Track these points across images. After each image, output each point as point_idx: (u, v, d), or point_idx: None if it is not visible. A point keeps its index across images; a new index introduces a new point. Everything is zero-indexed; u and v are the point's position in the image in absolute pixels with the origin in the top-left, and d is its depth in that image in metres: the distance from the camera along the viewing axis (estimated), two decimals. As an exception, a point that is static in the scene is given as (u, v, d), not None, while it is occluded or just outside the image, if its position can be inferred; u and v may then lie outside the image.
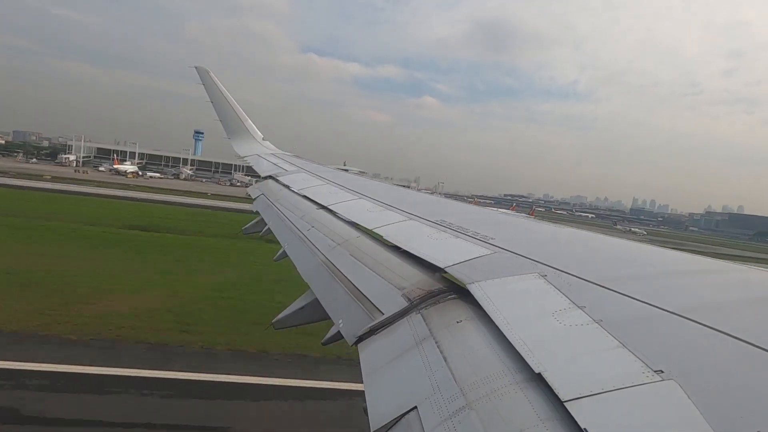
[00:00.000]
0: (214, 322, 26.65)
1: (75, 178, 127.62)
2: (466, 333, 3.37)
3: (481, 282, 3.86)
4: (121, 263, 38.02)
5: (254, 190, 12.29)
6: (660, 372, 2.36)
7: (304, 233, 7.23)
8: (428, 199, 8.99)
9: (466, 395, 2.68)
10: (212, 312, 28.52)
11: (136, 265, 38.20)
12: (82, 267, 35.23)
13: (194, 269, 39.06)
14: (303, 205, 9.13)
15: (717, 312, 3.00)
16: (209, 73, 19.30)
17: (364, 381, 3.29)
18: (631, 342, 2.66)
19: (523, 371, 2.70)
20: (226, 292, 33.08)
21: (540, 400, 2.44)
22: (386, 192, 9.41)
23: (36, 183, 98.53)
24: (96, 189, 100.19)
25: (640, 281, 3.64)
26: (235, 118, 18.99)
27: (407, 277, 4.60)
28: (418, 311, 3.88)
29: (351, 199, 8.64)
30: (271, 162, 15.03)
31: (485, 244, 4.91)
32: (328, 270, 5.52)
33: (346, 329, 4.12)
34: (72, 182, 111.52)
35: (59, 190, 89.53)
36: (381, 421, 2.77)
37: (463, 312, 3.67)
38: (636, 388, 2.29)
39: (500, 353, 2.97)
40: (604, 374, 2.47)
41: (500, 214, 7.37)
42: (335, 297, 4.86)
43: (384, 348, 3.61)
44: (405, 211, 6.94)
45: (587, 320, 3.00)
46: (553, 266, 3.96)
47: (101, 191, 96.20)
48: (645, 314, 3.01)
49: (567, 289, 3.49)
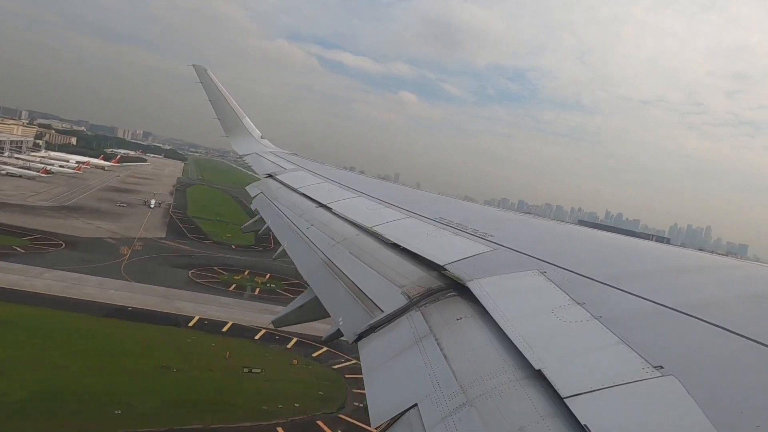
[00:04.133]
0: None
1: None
2: (466, 330, 3.37)
3: (481, 279, 3.86)
4: None
5: (253, 189, 12.28)
6: (660, 368, 2.37)
7: (304, 232, 7.23)
8: (427, 197, 8.98)
9: (466, 392, 2.68)
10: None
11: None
12: None
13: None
14: (302, 203, 9.12)
15: (717, 308, 3.01)
16: (207, 71, 19.22)
17: (365, 379, 3.30)
18: (630, 338, 2.67)
19: (523, 368, 2.70)
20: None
21: (540, 396, 2.45)
22: (385, 189, 9.40)
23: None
24: None
25: (639, 278, 3.64)
26: (233, 116, 18.93)
27: (407, 274, 4.60)
28: (417, 309, 3.88)
29: (350, 197, 8.63)
30: (270, 160, 15.00)
31: (484, 241, 4.91)
32: (328, 268, 5.52)
33: (346, 327, 4.13)
34: None
35: None
36: (381, 418, 2.78)
37: (463, 309, 3.67)
38: (636, 384, 2.30)
39: (500, 350, 2.97)
40: (603, 370, 2.47)
41: (499, 211, 7.37)
42: (335, 295, 4.86)
43: (384, 346, 3.61)
44: (404, 209, 6.94)
45: (587, 317, 3.01)
46: (552, 263, 3.96)
47: None
48: (645, 310, 3.02)
49: (566, 285, 3.49)
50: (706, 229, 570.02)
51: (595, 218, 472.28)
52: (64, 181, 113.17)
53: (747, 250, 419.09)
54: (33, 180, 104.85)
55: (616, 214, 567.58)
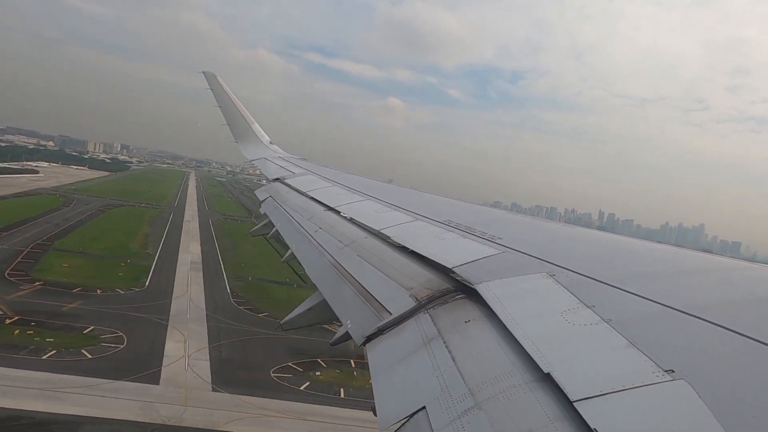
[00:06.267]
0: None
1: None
2: (474, 333, 3.36)
3: (489, 282, 3.85)
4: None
5: (262, 193, 12.36)
6: (671, 371, 2.34)
7: (312, 235, 7.26)
8: (435, 200, 8.98)
9: (474, 395, 2.67)
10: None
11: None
12: None
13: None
14: (310, 206, 9.17)
15: (727, 310, 2.97)
16: (217, 78, 19.42)
17: (373, 381, 3.30)
18: (640, 341, 2.64)
19: (532, 371, 2.69)
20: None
21: (549, 400, 2.43)
22: (393, 193, 9.41)
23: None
24: None
25: (649, 280, 3.61)
26: (242, 122, 19.09)
27: (415, 277, 4.60)
28: (426, 311, 3.88)
29: (358, 200, 8.66)
30: (279, 165, 15.10)
31: (493, 243, 4.90)
32: (336, 271, 5.53)
33: (354, 329, 4.13)
34: None
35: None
36: (390, 421, 2.78)
37: (471, 312, 3.66)
38: (646, 388, 2.27)
39: (509, 353, 2.96)
40: (613, 374, 2.45)
41: (507, 213, 7.35)
42: (343, 297, 4.87)
43: (392, 348, 3.61)
44: (412, 212, 6.94)
45: (596, 319, 2.98)
46: (561, 265, 3.94)
47: None
48: (654, 313, 2.99)
49: (575, 288, 3.47)
50: (699, 227, 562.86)
51: (589, 219, 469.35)
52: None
53: (740, 247, 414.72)
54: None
55: (608, 214, 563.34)
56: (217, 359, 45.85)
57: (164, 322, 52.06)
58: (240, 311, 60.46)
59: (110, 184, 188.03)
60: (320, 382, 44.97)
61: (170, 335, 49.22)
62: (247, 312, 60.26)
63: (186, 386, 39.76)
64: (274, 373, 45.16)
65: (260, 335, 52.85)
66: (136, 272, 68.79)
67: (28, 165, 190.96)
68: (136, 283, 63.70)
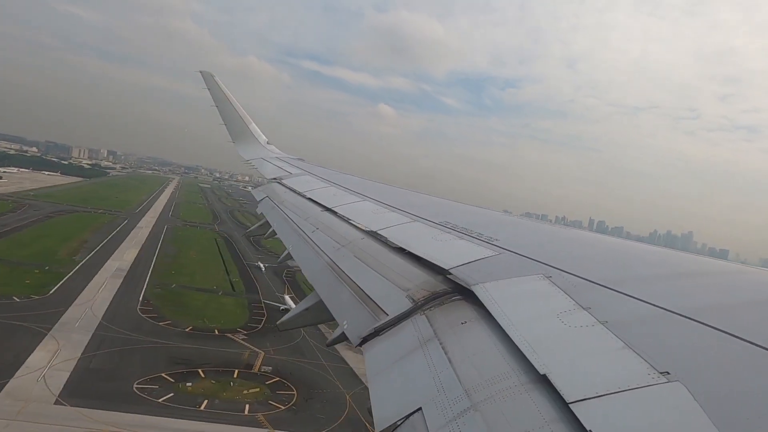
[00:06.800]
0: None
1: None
2: (470, 334, 3.37)
3: (486, 283, 3.85)
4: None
5: (259, 193, 12.33)
6: (666, 373, 2.35)
7: (309, 235, 7.25)
8: (432, 201, 8.98)
9: (470, 397, 2.67)
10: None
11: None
12: None
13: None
14: (308, 207, 9.15)
15: (723, 313, 2.98)
16: (214, 77, 19.37)
17: (369, 382, 3.30)
18: (636, 343, 2.65)
19: (528, 373, 2.69)
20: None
21: (545, 401, 2.44)
22: (391, 194, 9.41)
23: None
24: None
25: (645, 282, 3.62)
26: (239, 122, 19.04)
27: (411, 278, 4.60)
28: (422, 312, 3.88)
29: (356, 200, 8.65)
30: (276, 165, 15.07)
31: (489, 245, 4.90)
32: (333, 271, 5.53)
33: (351, 330, 4.12)
34: None
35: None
36: (386, 422, 2.77)
37: (468, 313, 3.66)
38: (642, 390, 2.28)
39: (505, 355, 2.96)
40: (609, 376, 2.46)
41: (505, 215, 7.36)
42: (340, 298, 4.87)
43: (389, 349, 3.61)
44: (409, 213, 6.94)
45: (592, 321, 2.99)
46: (557, 267, 3.95)
47: None
48: (650, 315, 3.00)
49: (572, 290, 3.48)
50: (688, 235, 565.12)
51: (579, 226, 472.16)
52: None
53: (727, 254, 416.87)
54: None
55: (598, 221, 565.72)
56: (81, 369, 44.45)
57: (45, 331, 50.42)
58: (142, 319, 58.98)
59: (76, 190, 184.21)
60: (186, 394, 43.83)
61: (43, 345, 47.63)
62: (149, 320, 58.82)
63: (27, 399, 38.56)
64: (138, 384, 43.97)
65: (146, 344, 51.30)
66: (47, 279, 66.64)
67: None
68: (39, 291, 61.76)
